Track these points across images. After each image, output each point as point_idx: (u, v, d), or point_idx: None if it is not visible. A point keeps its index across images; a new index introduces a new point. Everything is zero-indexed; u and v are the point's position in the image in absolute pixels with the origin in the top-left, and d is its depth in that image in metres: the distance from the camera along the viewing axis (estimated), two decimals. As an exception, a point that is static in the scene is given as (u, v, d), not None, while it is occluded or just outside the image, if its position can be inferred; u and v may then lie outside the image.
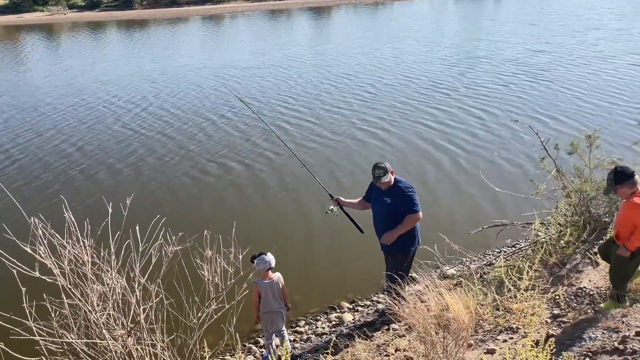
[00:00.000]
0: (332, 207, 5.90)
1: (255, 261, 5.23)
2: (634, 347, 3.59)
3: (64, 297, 3.46)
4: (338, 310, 6.81)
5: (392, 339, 4.95)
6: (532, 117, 13.47)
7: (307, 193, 10.15)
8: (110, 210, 3.78)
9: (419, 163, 11.24)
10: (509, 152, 11.40)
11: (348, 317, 6.50)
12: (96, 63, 27.25)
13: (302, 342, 6.14)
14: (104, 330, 3.23)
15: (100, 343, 3.35)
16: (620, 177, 4.45)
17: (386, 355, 4.57)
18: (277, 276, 5.45)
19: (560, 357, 3.54)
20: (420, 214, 5.41)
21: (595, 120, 12.83)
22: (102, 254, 3.68)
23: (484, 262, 7.20)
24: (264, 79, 20.78)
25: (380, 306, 6.33)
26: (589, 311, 4.56)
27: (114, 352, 3.31)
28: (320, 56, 25.43)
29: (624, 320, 4.10)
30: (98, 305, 3.46)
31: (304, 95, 17.87)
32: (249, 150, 12.69)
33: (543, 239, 6.06)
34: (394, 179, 5.50)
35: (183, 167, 11.88)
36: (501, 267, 5.46)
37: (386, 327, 5.52)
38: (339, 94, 17.56)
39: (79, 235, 3.59)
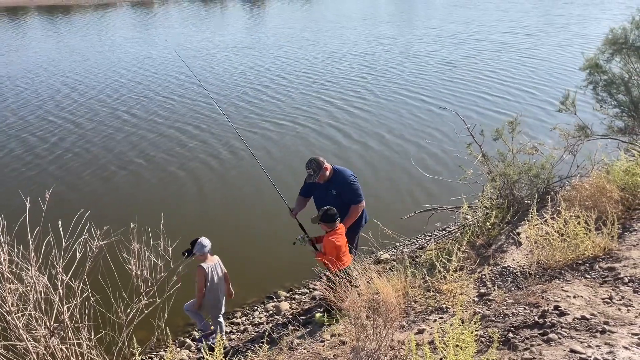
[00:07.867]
0: (299, 237, 5.46)
1: (194, 247, 5.19)
2: (552, 321, 3.80)
3: (-22, 299, 3.26)
4: (275, 300, 6.81)
5: (327, 325, 5.00)
6: (460, 106, 13.93)
7: (239, 180, 10.08)
8: (28, 205, 3.59)
9: (350, 151, 11.36)
10: (438, 139, 11.73)
11: (285, 305, 6.51)
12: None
13: (239, 333, 6.10)
14: (21, 331, 3.06)
15: (20, 345, 3.18)
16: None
17: (322, 341, 4.61)
18: (217, 259, 5.47)
19: (486, 332, 3.70)
20: (363, 202, 5.53)
21: (518, 106, 13.43)
22: (19, 251, 3.49)
23: (416, 246, 7.41)
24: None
25: (316, 293, 6.38)
26: (512, 289, 4.78)
27: (34, 355, 3.14)
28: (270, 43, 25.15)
29: (543, 295, 4.32)
30: (17, 306, 3.28)
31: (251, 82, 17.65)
32: (178, 140, 12.37)
33: (470, 222, 6.29)
34: (332, 169, 5.49)
35: (107, 158, 11.42)
36: (432, 250, 5.63)
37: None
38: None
39: (-8, 232, 3.39)
